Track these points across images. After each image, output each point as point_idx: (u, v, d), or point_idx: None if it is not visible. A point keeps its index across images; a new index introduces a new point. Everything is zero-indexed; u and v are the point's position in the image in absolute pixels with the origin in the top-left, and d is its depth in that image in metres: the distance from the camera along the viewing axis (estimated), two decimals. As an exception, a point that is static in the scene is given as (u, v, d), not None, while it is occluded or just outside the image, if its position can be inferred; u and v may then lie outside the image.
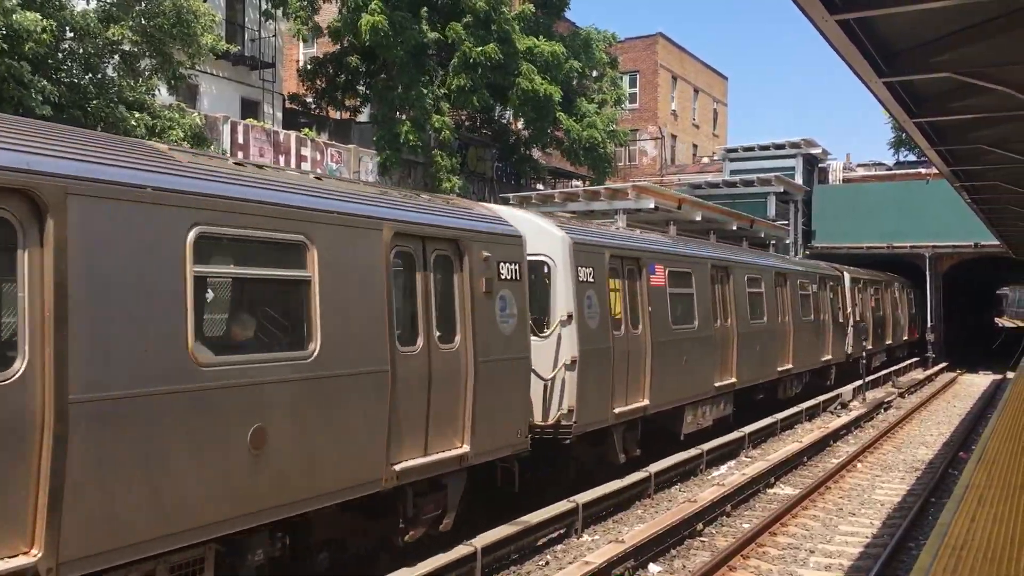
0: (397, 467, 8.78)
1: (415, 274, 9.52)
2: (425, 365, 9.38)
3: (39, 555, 5.70)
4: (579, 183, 40.97)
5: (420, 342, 9.39)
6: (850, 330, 28.82)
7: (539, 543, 10.83)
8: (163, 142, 17.40)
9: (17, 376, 5.68)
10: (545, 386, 12.26)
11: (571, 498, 11.72)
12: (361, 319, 8.46)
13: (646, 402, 14.51)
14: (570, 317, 12.42)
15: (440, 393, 9.53)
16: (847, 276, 29.88)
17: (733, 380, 18.37)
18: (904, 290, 38.97)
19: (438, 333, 9.65)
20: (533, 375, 11.62)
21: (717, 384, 17.49)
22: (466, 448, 9.88)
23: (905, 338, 38.72)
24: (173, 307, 6.63)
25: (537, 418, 12.19)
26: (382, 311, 8.69)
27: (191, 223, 6.80)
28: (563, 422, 12.32)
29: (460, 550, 9.28)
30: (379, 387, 8.59)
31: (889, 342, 36.11)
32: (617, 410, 13.57)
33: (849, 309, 29.19)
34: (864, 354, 28.27)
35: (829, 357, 26.44)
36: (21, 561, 5.63)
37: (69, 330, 5.86)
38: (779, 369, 21.88)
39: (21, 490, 5.67)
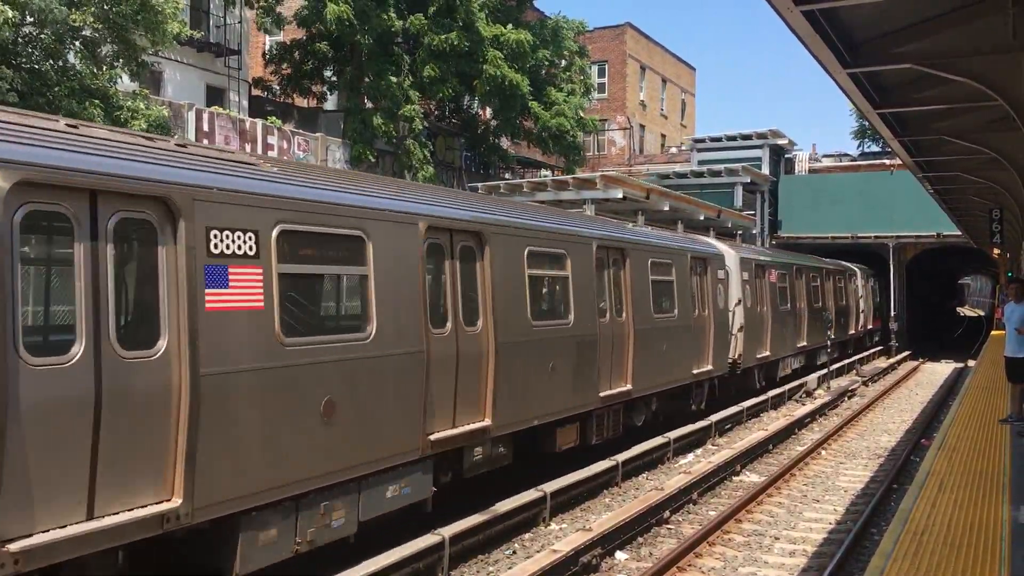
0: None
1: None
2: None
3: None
4: (548, 173, 40.97)
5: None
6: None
7: (507, 531, 10.84)
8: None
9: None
10: None
11: (539, 487, 11.74)
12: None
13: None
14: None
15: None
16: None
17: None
18: (867, 280, 39.18)
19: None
20: None
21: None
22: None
23: (869, 327, 38.91)
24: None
25: None
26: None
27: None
28: None
29: (428, 539, 9.26)
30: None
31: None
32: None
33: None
34: (828, 344, 28.65)
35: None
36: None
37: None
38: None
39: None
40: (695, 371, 17.89)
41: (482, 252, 11.05)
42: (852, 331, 35.00)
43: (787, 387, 24.13)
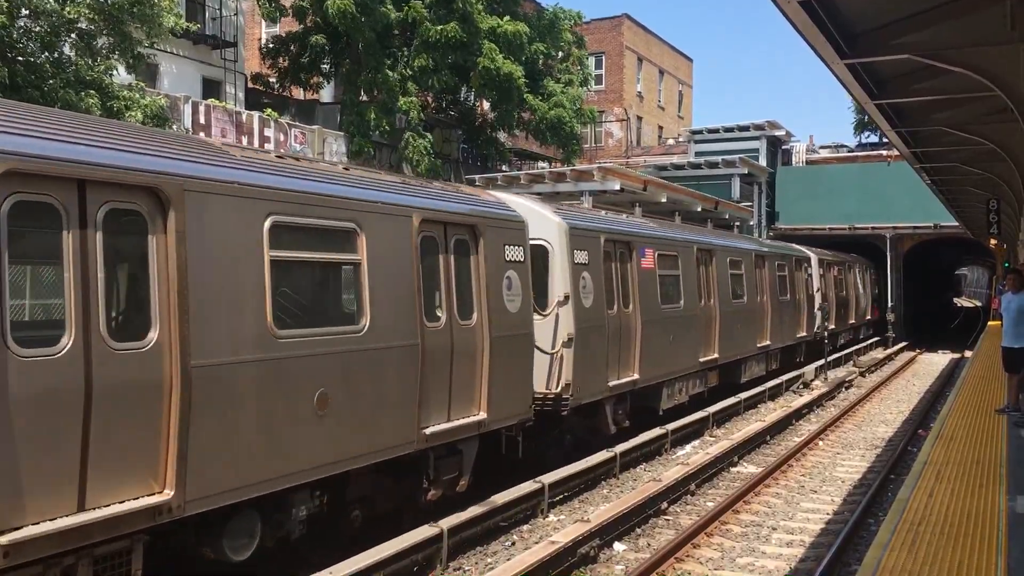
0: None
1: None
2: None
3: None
4: (545, 165, 40.92)
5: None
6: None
7: (505, 523, 10.87)
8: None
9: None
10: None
11: (537, 478, 11.77)
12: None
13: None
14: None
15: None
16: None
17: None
18: (865, 271, 39.29)
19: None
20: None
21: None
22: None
23: (868, 318, 39.02)
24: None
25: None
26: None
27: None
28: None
29: (426, 531, 9.28)
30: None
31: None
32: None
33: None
34: (827, 333, 28.69)
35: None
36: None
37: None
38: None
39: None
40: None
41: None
42: (804, 333, 27.90)
43: (784, 377, 24.17)
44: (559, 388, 13.18)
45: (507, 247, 11.67)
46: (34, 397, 6.04)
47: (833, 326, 31.73)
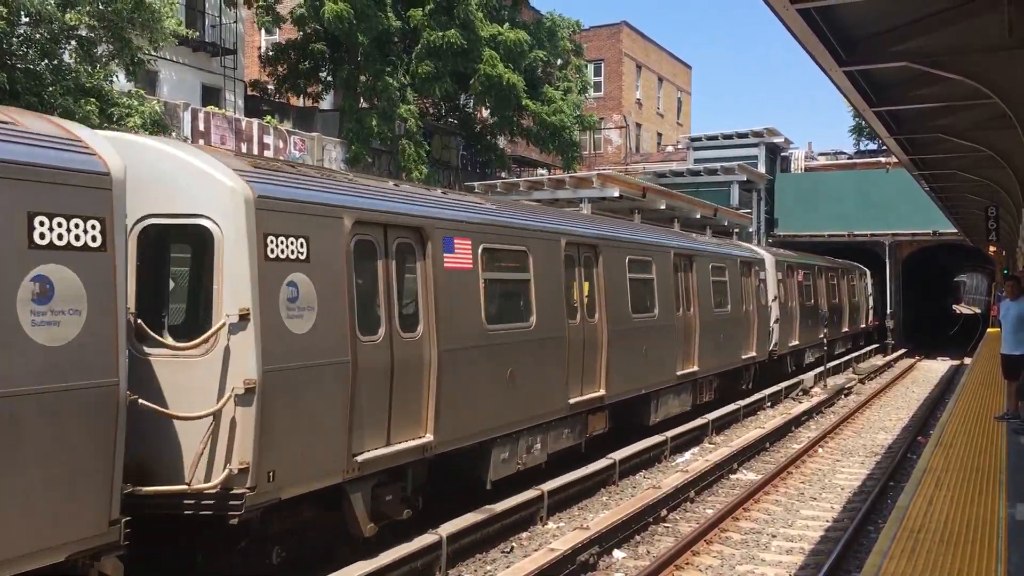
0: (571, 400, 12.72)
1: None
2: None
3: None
4: (544, 171, 40.96)
5: None
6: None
7: (504, 530, 10.84)
8: (121, 129, 17.13)
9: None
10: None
11: (537, 486, 11.75)
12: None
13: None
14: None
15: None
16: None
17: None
18: (857, 277, 39.07)
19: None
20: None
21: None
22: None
23: (856, 327, 38.47)
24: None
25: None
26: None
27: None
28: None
29: (426, 539, 9.27)
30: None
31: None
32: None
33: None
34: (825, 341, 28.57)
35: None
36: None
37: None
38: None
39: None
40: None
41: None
42: (753, 353, 22.27)
43: (783, 384, 24.15)
44: (221, 478, 7.46)
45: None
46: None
47: (797, 342, 26.54)
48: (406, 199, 10.13)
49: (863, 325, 38.63)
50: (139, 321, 7.51)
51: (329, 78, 34.42)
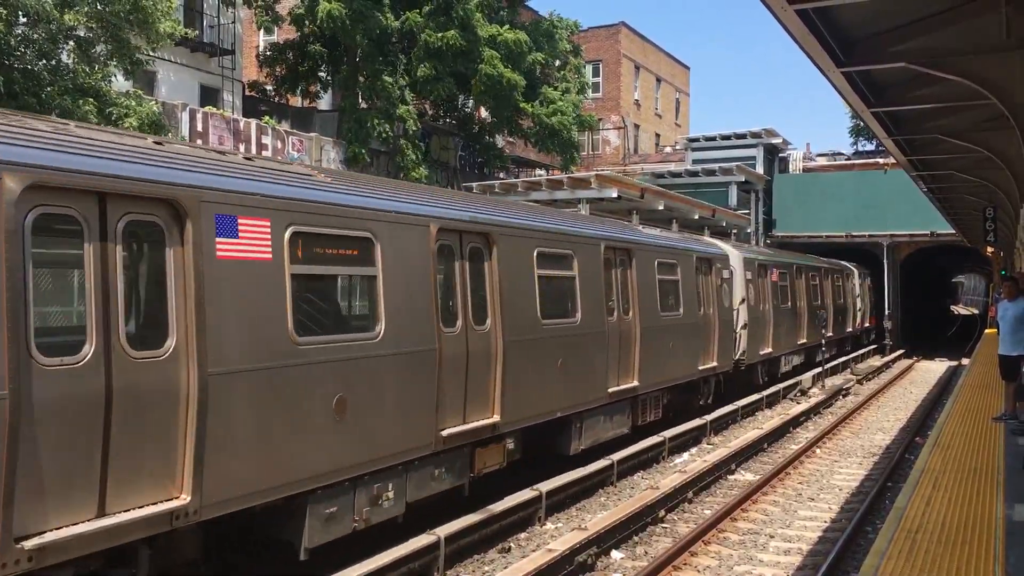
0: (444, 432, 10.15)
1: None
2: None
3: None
4: (543, 172, 40.97)
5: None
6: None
7: (502, 531, 10.84)
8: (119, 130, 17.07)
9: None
10: None
11: (534, 486, 11.74)
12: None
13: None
14: None
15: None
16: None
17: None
18: (862, 278, 39.09)
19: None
20: None
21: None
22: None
23: (865, 325, 38.49)
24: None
25: None
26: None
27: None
28: None
29: (423, 539, 9.25)
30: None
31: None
32: None
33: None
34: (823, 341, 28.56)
35: None
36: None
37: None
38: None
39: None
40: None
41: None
42: (713, 363, 19.38)
43: (781, 385, 24.15)
44: None
45: None
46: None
47: (770, 349, 24.30)
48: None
49: (850, 329, 36.70)
50: None
51: (328, 78, 34.41)
